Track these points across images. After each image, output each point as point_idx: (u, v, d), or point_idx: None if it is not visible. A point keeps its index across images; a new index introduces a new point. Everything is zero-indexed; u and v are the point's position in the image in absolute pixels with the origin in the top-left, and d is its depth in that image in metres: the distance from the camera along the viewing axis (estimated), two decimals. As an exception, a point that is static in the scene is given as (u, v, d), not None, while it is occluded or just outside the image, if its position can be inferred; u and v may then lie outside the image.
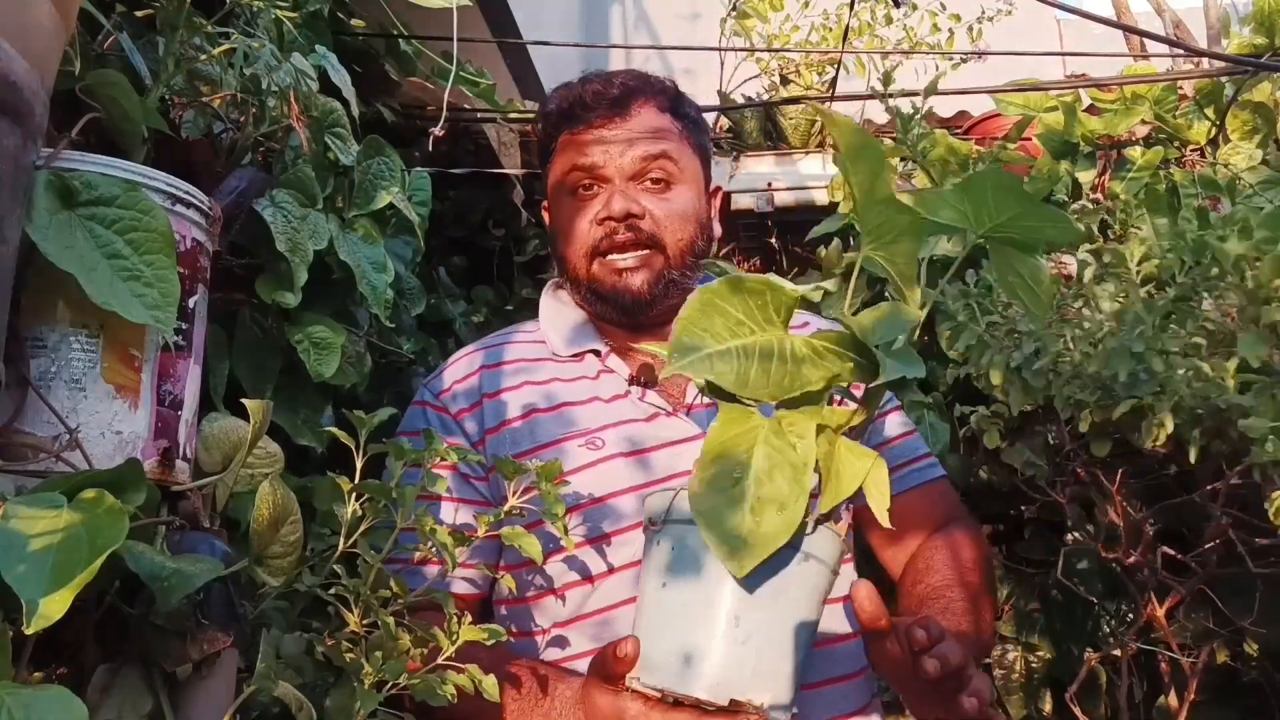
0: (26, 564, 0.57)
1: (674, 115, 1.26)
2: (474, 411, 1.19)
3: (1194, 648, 1.58)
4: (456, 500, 1.14)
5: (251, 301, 1.19)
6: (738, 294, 0.80)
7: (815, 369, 0.79)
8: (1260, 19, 1.79)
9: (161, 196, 0.82)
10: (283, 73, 1.13)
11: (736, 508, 0.76)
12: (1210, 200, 1.58)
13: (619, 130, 1.21)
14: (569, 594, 1.09)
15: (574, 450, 1.11)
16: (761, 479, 0.76)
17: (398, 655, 0.85)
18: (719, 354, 0.78)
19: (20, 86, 0.66)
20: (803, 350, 0.80)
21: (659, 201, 1.20)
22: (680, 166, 1.22)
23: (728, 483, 0.77)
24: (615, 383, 1.19)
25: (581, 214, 1.21)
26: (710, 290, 0.80)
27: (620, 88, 1.23)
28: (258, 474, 0.94)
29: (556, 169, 1.26)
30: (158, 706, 0.74)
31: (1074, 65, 2.47)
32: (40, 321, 0.76)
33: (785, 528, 0.76)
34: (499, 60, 3.42)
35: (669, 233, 1.19)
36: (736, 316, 0.80)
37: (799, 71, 2.65)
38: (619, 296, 1.19)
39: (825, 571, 0.82)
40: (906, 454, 1.24)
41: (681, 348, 0.78)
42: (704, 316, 0.79)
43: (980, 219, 0.80)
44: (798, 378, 0.78)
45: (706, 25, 3.35)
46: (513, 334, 1.29)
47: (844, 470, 0.79)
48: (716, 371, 0.77)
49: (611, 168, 1.20)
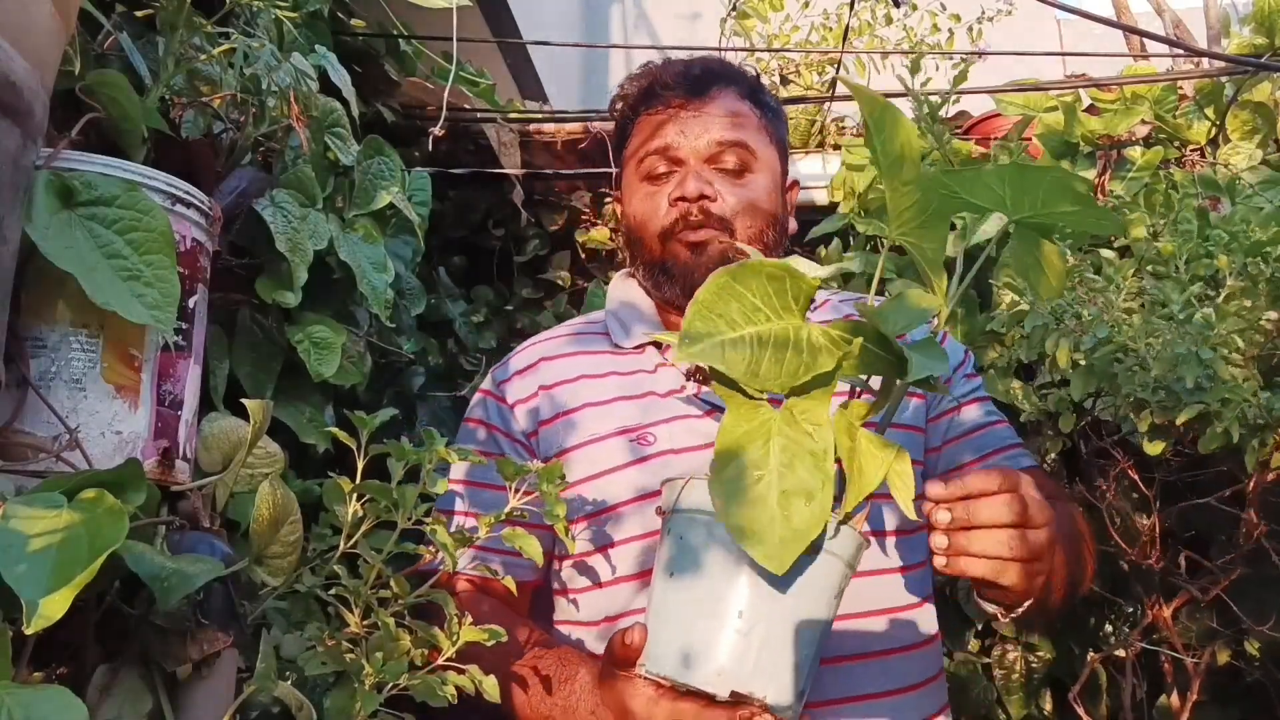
0: (26, 564, 0.57)
1: (753, 103, 1.24)
2: (530, 403, 1.18)
3: (1197, 648, 1.58)
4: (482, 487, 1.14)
5: (251, 301, 1.19)
6: (756, 278, 0.77)
7: (831, 360, 0.77)
8: (1260, 19, 1.79)
9: (161, 196, 0.82)
10: (283, 73, 1.13)
11: (763, 505, 0.74)
12: (1210, 200, 1.58)
13: (695, 113, 1.19)
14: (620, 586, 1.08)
15: (625, 445, 1.10)
16: (784, 472, 0.74)
17: (398, 656, 0.85)
18: (732, 341, 0.76)
19: (20, 86, 0.66)
20: (820, 340, 0.77)
21: (733, 187, 1.18)
22: (756, 155, 1.20)
23: (750, 481, 0.75)
24: (673, 377, 1.16)
25: (655, 196, 1.19)
26: (728, 273, 0.78)
27: (701, 69, 1.22)
28: (258, 474, 0.94)
29: (631, 153, 1.24)
30: (158, 706, 0.73)
31: (1074, 65, 2.47)
32: (40, 321, 0.76)
33: (818, 518, 0.74)
34: (499, 60, 3.43)
35: (740, 219, 1.17)
36: (753, 302, 0.77)
37: (799, 71, 2.65)
38: (691, 272, 1.16)
39: (841, 567, 0.80)
40: (993, 443, 1.17)
41: (694, 333, 0.75)
42: (720, 300, 0.76)
43: (1020, 205, 0.78)
44: (813, 368, 0.76)
45: (706, 25, 3.35)
46: (577, 325, 1.29)
47: (867, 464, 0.77)
48: (728, 360, 0.75)
49: (686, 149, 1.18)
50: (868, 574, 1.02)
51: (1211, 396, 1.16)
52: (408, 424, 1.73)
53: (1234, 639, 1.58)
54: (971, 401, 1.20)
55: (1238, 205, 1.40)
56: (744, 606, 0.77)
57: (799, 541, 0.73)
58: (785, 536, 0.73)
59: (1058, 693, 1.85)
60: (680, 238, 1.17)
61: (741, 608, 0.77)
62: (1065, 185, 0.76)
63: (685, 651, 0.78)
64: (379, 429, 0.91)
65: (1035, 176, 0.77)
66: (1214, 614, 1.57)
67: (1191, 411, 1.18)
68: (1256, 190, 1.58)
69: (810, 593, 0.79)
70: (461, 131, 2.07)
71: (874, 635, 1.05)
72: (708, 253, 1.16)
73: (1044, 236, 0.84)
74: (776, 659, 0.78)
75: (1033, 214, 0.79)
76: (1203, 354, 1.14)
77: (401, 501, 0.88)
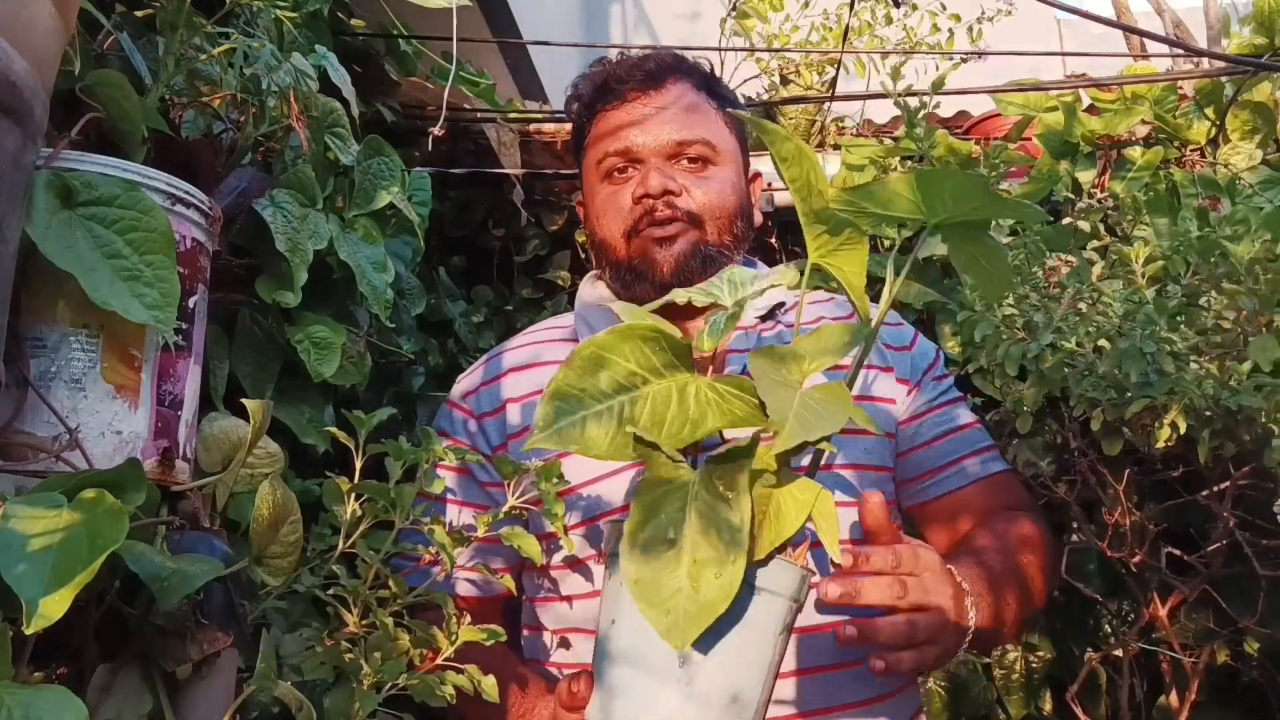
0: (26, 564, 0.57)
1: (709, 95, 1.23)
2: (497, 416, 1.17)
3: (1195, 648, 1.58)
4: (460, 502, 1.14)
5: (251, 301, 1.19)
6: (628, 341, 0.75)
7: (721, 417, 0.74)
8: (1260, 19, 1.79)
9: (161, 196, 0.82)
10: (283, 73, 1.13)
11: (672, 574, 0.70)
12: (1210, 200, 1.59)
13: (653, 108, 1.18)
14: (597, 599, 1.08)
15: None
16: (697, 541, 0.71)
17: (396, 656, 0.85)
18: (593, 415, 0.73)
19: (20, 86, 0.66)
20: (707, 395, 0.75)
21: (697, 181, 1.17)
22: (717, 148, 1.19)
23: (663, 546, 0.71)
24: None
25: (618, 196, 1.18)
26: (594, 342, 0.76)
27: (655, 62, 1.21)
28: (258, 474, 0.94)
29: (591, 156, 1.23)
30: (158, 706, 0.74)
31: (1074, 65, 2.47)
32: (40, 321, 0.76)
33: (723, 594, 0.70)
34: (499, 60, 3.43)
35: (707, 211, 1.16)
36: (628, 367, 0.75)
37: (799, 71, 2.64)
38: (657, 269, 1.15)
39: (783, 602, 0.77)
40: (963, 448, 1.18)
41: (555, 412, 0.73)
42: (586, 373, 0.74)
43: (934, 209, 0.77)
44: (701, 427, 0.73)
45: (706, 25, 3.35)
46: (544, 331, 1.27)
47: (784, 510, 0.74)
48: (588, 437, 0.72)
49: (647, 149, 1.17)
50: None
51: (1158, 390, 1.17)
52: (408, 424, 1.73)
53: (1232, 639, 1.59)
54: (940, 406, 1.20)
55: (1237, 205, 1.40)
56: (684, 656, 0.73)
57: (707, 615, 0.70)
58: (691, 611, 0.70)
59: (1057, 693, 1.85)
60: (646, 234, 1.16)
61: (681, 658, 0.73)
62: (968, 184, 0.75)
63: (628, 707, 0.75)
64: (379, 429, 0.91)
65: (938, 181, 0.75)
66: (1211, 613, 1.57)
67: (1138, 406, 1.19)
68: (1256, 190, 1.58)
69: (754, 634, 0.75)
70: (461, 131, 2.08)
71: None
72: (676, 246, 1.15)
73: (974, 235, 0.82)
74: (721, 709, 0.74)
75: (947, 216, 0.78)
76: (1145, 348, 1.14)
77: (399, 501, 0.88)
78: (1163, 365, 1.15)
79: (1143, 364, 1.16)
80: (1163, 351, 1.15)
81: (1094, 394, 1.24)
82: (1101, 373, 1.21)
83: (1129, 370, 1.17)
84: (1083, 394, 1.26)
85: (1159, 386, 1.17)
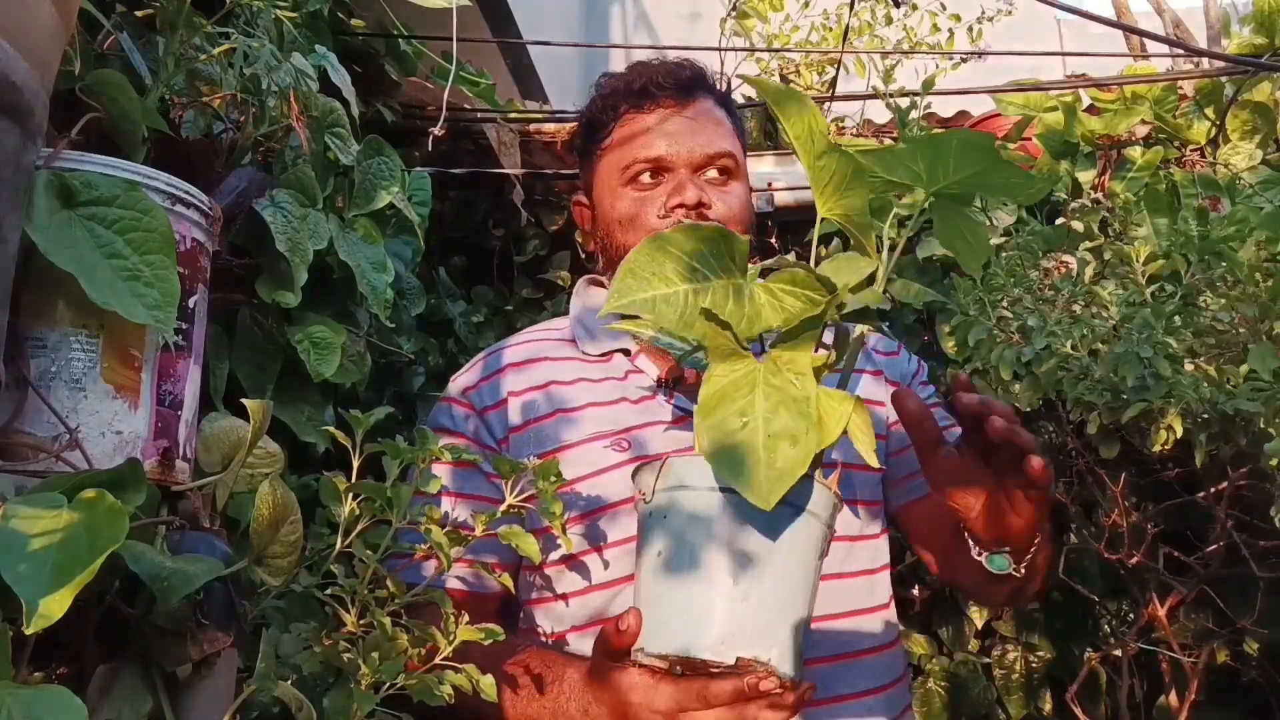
0: (26, 564, 0.57)
1: (726, 110, 1.26)
2: (498, 410, 1.17)
3: (1194, 648, 1.58)
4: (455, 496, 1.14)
5: (251, 301, 1.19)
6: (691, 239, 0.79)
7: (775, 313, 0.78)
8: (1260, 19, 1.79)
9: (161, 196, 0.82)
10: (283, 73, 1.13)
11: (750, 448, 0.75)
12: (1210, 200, 1.59)
13: (683, 120, 1.21)
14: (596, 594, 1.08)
15: (600, 452, 1.10)
16: (769, 417, 0.76)
17: (395, 655, 0.85)
18: (664, 297, 0.77)
19: (20, 87, 0.66)
20: (762, 295, 0.79)
21: (720, 193, 1.20)
22: (737, 162, 1.23)
23: (736, 425, 0.76)
24: (643, 383, 1.17)
25: (646, 203, 1.19)
26: (660, 236, 0.80)
27: (690, 71, 1.24)
28: (258, 474, 0.94)
29: (615, 157, 1.23)
30: (158, 706, 0.74)
31: (1074, 65, 2.47)
32: (40, 321, 0.76)
33: (802, 459, 0.75)
34: (499, 60, 3.43)
35: (731, 222, 1.18)
36: (689, 263, 0.79)
37: (799, 71, 2.65)
38: None
39: (820, 526, 0.81)
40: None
41: (625, 289, 0.77)
42: (652, 260, 0.78)
43: (935, 175, 0.81)
44: (756, 322, 0.78)
45: (706, 25, 3.35)
46: (541, 332, 1.28)
47: (827, 415, 0.78)
48: (658, 312, 0.77)
49: (680, 159, 1.19)
50: (838, 577, 1.07)
51: (1154, 394, 1.18)
52: (408, 424, 1.73)
53: (1232, 639, 1.59)
54: (917, 385, 1.24)
55: (1237, 205, 1.40)
56: (737, 572, 0.78)
57: (784, 480, 0.74)
58: (771, 476, 0.74)
59: (1057, 693, 1.85)
60: None
61: (735, 573, 0.78)
62: (974, 144, 0.79)
63: (685, 625, 0.78)
64: (379, 428, 0.91)
65: (945, 142, 0.79)
66: (1210, 613, 1.57)
67: (1135, 410, 1.20)
68: (1256, 190, 1.58)
69: (797, 554, 0.80)
70: (461, 131, 2.08)
71: (847, 636, 1.08)
72: None
73: (963, 206, 0.86)
74: (774, 621, 0.78)
75: (948, 182, 0.81)
76: (1142, 353, 1.15)
77: (396, 500, 0.88)
78: (1159, 369, 1.16)
79: (1139, 368, 1.16)
80: (1159, 355, 1.16)
81: (1090, 398, 1.24)
82: (1098, 377, 1.22)
83: (1125, 374, 1.17)
84: (1079, 397, 1.26)
85: (1156, 390, 1.17)
